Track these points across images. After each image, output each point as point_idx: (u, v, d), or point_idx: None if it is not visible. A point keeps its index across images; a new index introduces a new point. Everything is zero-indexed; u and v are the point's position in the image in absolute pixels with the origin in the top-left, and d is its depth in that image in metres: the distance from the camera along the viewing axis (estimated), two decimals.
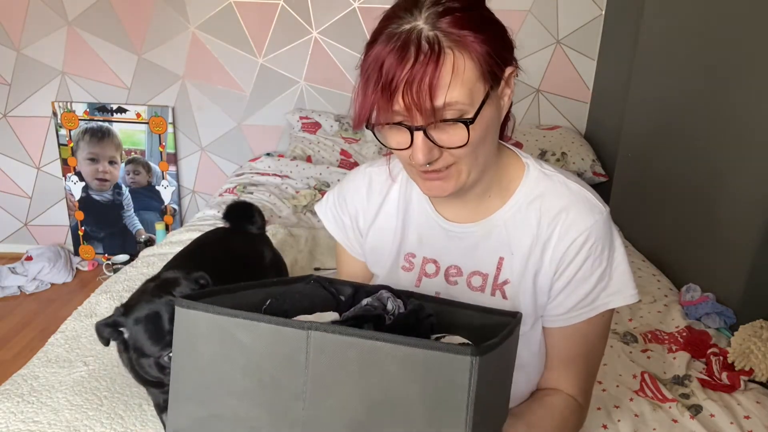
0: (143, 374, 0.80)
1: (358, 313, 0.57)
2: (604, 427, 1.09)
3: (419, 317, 0.57)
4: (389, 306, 0.60)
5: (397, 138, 0.62)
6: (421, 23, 0.58)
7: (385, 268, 0.79)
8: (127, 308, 0.79)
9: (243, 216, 1.20)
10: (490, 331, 0.63)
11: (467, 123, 0.59)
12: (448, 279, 0.76)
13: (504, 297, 0.73)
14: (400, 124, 0.60)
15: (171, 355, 0.74)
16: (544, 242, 0.71)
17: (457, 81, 0.58)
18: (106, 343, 0.79)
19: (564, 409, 0.74)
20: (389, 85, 0.57)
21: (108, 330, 0.78)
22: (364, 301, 0.60)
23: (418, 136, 0.60)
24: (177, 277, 0.81)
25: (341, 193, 0.83)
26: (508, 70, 0.63)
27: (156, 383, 0.86)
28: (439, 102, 0.58)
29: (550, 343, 0.76)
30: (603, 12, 2.43)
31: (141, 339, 0.76)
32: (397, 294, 0.63)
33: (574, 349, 0.75)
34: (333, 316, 0.60)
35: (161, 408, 0.94)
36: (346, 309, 0.63)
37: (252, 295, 0.61)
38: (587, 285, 0.71)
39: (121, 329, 0.78)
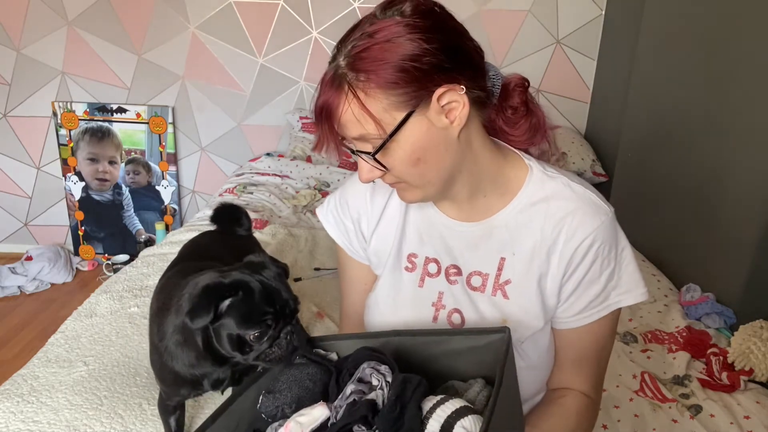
0: (217, 345, 0.77)
1: (345, 421, 0.58)
2: (604, 427, 1.09)
3: (404, 402, 0.57)
4: (374, 381, 0.60)
5: (359, 167, 0.69)
6: (340, 60, 0.64)
7: (387, 269, 0.79)
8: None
9: (231, 218, 1.20)
10: (480, 353, 0.64)
11: (372, 155, 0.64)
12: (448, 279, 0.76)
13: (505, 296, 0.73)
14: (346, 147, 0.67)
15: (256, 334, 0.73)
16: (550, 245, 0.71)
17: (357, 119, 0.63)
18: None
19: (578, 410, 0.75)
20: (316, 116, 0.66)
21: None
22: (348, 389, 0.61)
23: (358, 158, 0.67)
24: (263, 261, 0.80)
25: (343, 196, 0.82)
26: (437, 92, 0.62)
27: (174, 382, 0.85)
28: (347, 134, 0.65)
29: (562, 344, 0.76)
30: (603, 12, 2.43)
31: (231, 312, 0.74)
32: (379, 357, 0.63)
33: (586, 349, 0.75)
34: (322, 412, 0.61)
35: (167, 410, 0.94)
36: (335, 388, 0.64)
37: (244, 400, 0.63)
38: (597, 286, 0.71)
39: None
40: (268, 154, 2.47)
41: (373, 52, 0.61)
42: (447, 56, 0.62)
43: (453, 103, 0.63)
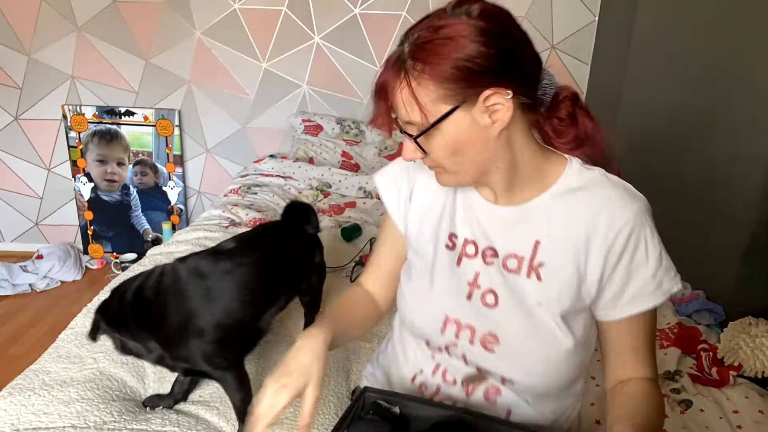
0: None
1: None
2: (597, 422, 1.10)
3: None
4: None
5: (404, 145, 0.74)
6: (405, 46, 0.68)
7: (428, 243, 0.81)
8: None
9: (300, 216, 1.24)
10: None
11: (414, 138, 0.70)
12: (485, 260, 0.77)
13: (539, 279, 0.73)
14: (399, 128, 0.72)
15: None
16: (590, 232, 0.71)
17: (409, 102, 0.68)
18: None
19: (650, 393, 0.74)
20: (374, 93, 0.71)
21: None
22: None
23: (404, 137, 0.72)
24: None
25: (404, 162, 0.83)
26: (485, 93, 0.66)
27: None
28: (398, 114, 0.70)
29: (617, 336, 0.75)
30: (596, 18, 2.46)
31: None
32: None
33: (641, 336, 0.75)
34: None
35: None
36: None
37: None
38: (646, 270, 0.71)
39: None
40: (271, 156, 2.51)
41: (435, 46, 0.65)
42: (500, 62, 0.65)
43: (498, 105, 0.67)
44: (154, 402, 1.07)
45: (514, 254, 0.75)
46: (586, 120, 0.74)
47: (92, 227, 2.81)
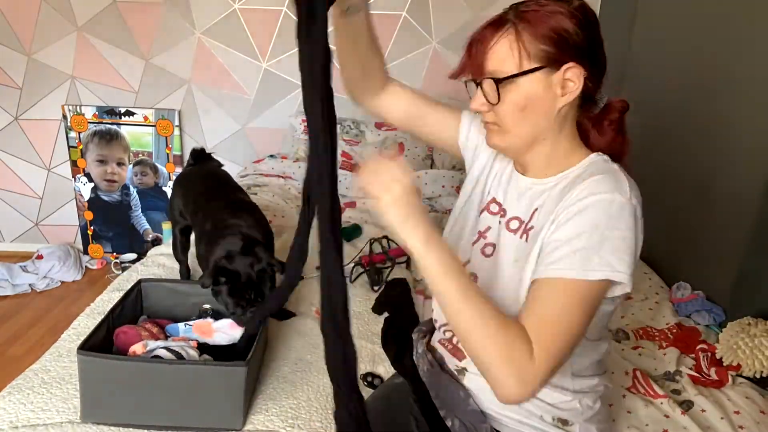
0: None
1: None
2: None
3: None
4: None
5: (474, 95, 0.81)
6: (509, 12, 0.78)
7: (468, 189, 0.95)
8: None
9: (206, 157, 1.67)
10: None
11: (496, 81, 0.76)
12: (498, 218, 0.88)
13: (527, 241, 0.81)
14: (470, 79, 0.81)
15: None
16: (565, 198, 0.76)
17: (503, 51, 0.76)
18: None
19: (514, 323, 0.71)
20: (467, 44, 0.80)
21: None
22: None
23: (477, 87, 0.79)
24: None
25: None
26: (568, 65, 0.75)
27: None
28: (486, 63, 0.77)
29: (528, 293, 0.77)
30: (597, 16, 2.47)
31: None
32: None
33: (535, 301, 0.73)
34: None
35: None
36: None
37: None
38: (569, 245, 0.72)
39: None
40: (271, 156, 2.52)
41: (538, 14, 0.75)
42: (588, 45, 0.76)
43: (571, 82, 0.76)
44: None
45: (517, 217, 0.84)
46: (625, 134, 0.83)
47: (92, 227, 2.82)
